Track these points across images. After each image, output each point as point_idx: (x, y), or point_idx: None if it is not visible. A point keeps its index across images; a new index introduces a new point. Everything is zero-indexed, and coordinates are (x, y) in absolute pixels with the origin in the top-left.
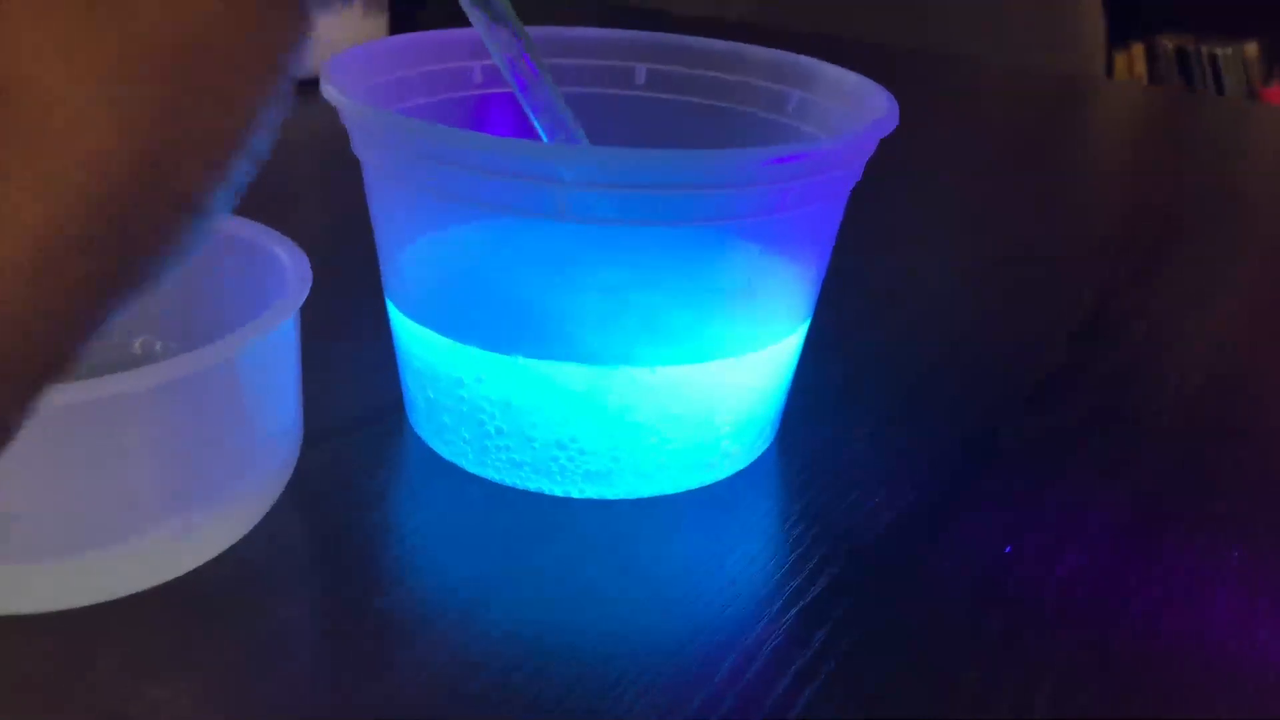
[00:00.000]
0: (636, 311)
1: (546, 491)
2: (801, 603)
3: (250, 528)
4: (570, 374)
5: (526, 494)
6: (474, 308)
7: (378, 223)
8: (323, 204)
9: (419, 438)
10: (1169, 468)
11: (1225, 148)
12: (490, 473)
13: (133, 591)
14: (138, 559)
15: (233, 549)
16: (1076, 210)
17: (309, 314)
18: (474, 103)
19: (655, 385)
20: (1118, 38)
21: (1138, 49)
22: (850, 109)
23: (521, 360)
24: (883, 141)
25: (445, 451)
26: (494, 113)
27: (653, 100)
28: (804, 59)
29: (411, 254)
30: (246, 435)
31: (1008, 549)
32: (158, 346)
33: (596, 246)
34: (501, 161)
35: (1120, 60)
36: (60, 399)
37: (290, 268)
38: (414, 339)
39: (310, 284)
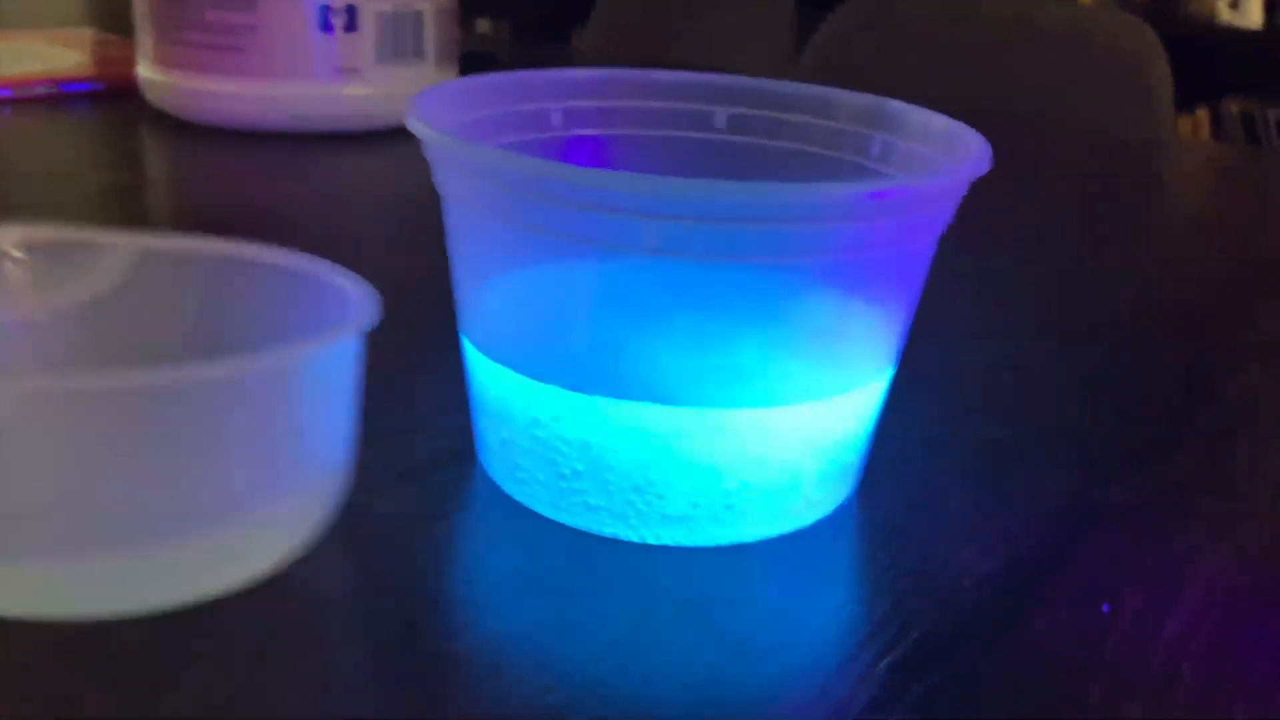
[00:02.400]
0: (719, 353)
1: (622, 537)
2: (893, 657)
3: (291, 549)
4: (650, 415)
5: (601, 539)
6: (554, 346)
7: (457, 259)
8: (390, 249)
9: (491, 480)
10: (1277, 529)
11: None
12: (564, 516)
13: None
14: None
15: (306, 586)
16: (1166, 267)
17: (380, 356)
18: (553, 144)
19: (736, 428)
20: (1182, 102)
21: (1202, 113)
22: (938, 152)
23: (601, 400)
24: (967, 197)
25: (518, 494)
26: (572, 154)
27: (733, 143)
28: (889, 101)
29: (492, 290)
30: (292, 447)
31: (1105, 608)
32: None
33: (680, 287)
34: (591, 194)
35: (1184, 124)
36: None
37: (356, 299)
38: (491, 377)
39: (375, 313)
